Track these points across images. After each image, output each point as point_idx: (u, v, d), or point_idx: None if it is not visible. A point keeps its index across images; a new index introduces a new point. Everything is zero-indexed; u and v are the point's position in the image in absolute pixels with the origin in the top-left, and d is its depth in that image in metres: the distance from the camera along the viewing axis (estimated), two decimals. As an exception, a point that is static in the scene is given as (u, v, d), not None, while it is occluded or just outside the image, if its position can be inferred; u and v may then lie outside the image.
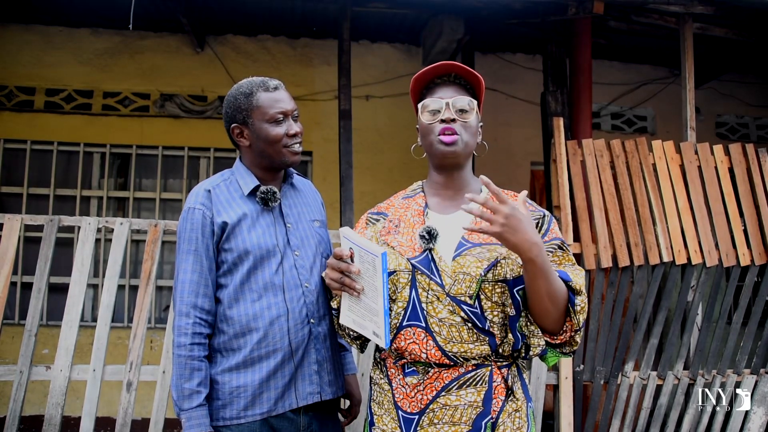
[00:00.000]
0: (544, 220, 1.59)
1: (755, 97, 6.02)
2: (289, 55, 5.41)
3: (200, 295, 1.76)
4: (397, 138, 5.40)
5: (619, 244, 3.47)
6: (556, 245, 1.57)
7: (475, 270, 1.50)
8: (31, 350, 2.96)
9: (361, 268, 1.47)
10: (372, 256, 1.42)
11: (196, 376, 1.72)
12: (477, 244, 1.53)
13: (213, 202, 1.81)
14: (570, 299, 1.49)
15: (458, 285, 1.50)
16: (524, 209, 1.41)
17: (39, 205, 5.03)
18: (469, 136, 1.59)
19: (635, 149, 3.61)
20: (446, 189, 1.64)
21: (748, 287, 3.67)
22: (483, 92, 1.64)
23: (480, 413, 1.49)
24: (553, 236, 1.58)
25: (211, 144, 5.23)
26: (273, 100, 1.83)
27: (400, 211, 1.68)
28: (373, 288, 1.44)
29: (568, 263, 1.57)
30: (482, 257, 1.51)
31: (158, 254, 3.05)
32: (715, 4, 3.94)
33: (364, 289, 1.49)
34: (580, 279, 1.52)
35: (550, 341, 1.55)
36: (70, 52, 5.16)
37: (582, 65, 4.13)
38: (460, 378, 1.50)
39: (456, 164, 1.62)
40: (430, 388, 1.51)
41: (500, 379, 1.52)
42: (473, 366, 1.51)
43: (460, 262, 1.51)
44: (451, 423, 1.49)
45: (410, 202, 1.68)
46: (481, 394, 1.50)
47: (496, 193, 1.39)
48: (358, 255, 1.46)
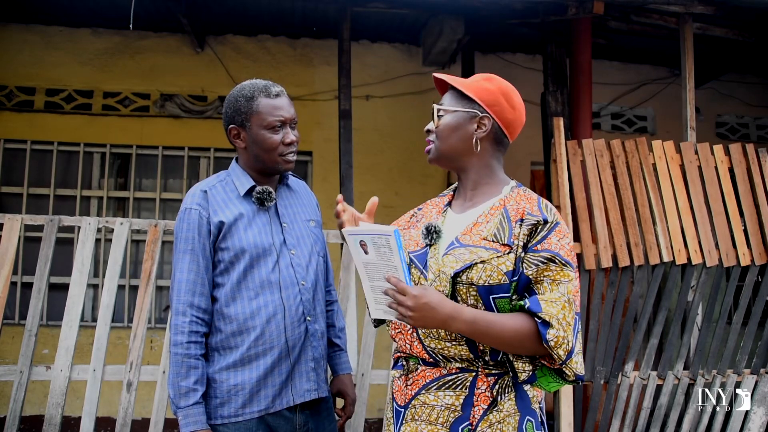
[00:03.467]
0: (542, 227, 1.47)
1: (755, 97, 6.01)
2: (289, 55, 5.41)
3: (197, 294, 1.78)
4: (397, 138, 5.40)
5: (619, 244, 3.47)
6: (546, 257, 1.44)
7: (449, 269, 1.48)
8: (31, 350, 2.96)
9: (377, 253, 1.44)
10: (385, 237, 1.40)
11: (193, 374, 1.74)
12: (464, 244, 1.51)
13: (209, 203, 1.83)
14: (541, 335, 1.40)
15: (437, 282, 1.49)
16: (426, 293, 1.40)
17: (39, 205, 5.03)
18: (441, 140, 1.60)
19: (635, 149, 3.61)
20: (464, 189, 1.64)
21: (748, 287, 3.67)
22: (472, 87, 1.60)
23: (458, 417, 1.47)
24: (546, 247, 1.45)
25: (211, 144, 5.23)
26: (273, 107, 1.84)
27: (428, 208, 1.70)
28: (393, 268, 1.43)
29: (560, 279, 1.44)
30: (460, 258, 1.48)
31: (158, 254, 3.05)
32: (715, 4, 3.94)
33: (386, 274, 1.47)
34: (555, 306, 1.40)
35: (547, 364, 1.48)
36: (70, 52, 5.16)
37: (582, 65, 4.12)
38: (440, 379, 1.50)
39: (445, 167, 1.67)
40: (415, 384, 1.53)
41: (485, 387, 1.47)
42: (457, 369, 1.49)
43: (444, 260, 1.51)
44: (428, 422, 1.48)
45: (440, 200, 1.71)
46: (461, 398, 1.47)
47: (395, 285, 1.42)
48: (371, 243, 1.44)
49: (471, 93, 1.58)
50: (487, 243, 1.48)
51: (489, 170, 1.61)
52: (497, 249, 1.47)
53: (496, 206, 1.55)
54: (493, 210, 1.54)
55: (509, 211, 1.52)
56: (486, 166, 1.60)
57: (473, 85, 1.60)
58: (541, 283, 1.45)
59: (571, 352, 1.42)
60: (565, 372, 1.45)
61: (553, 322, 1.40)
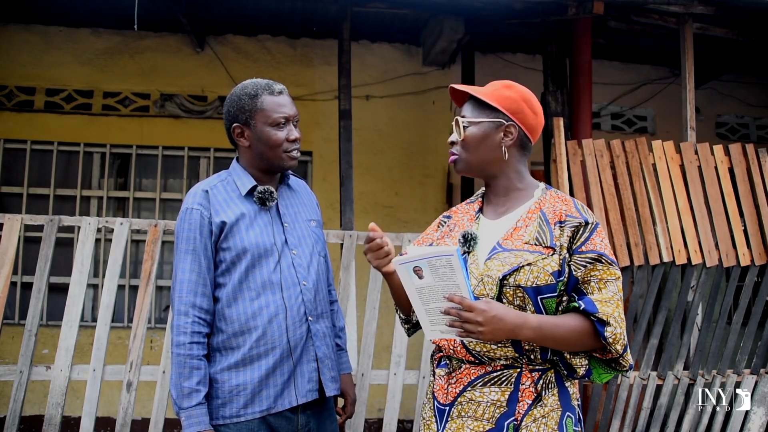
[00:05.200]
0: (584, 228, 1.53)
1: (755, 97, 6.01)
2: (289, 55, 5.40)
3: (199, 294, 1.78)
4: (397, 138, 5.40)
5: (619, 244, 3.47)
6: (592, 258, 1.51)
7: (496, 273, 1.51)
8: (31, 350, 2.96)
9: (434, 275, 1.44)
10: (446, 258, 1.41)
11: (195, 374, 1.74)
12: (507, 249, 1.54)
13: (211, 202, 1.83)
14: (599, 332, 1.48)
15: (482, 287, 1.52)
16: (491, 306, 1.42)
17: (39, 205, 5.03)
18: (468, 152, 1.63)
19: (635, 149, 3.61)
20: (495, 196, 1.67)
21: (748, 287, 3.67)
22: (495, 96, 1.62)
23: (503, 413, 1.50)
24: (591, 248, 1.52)
25: (211, 144, 5.23)
26: (277, 104, 1.85)
27: (459, 216, 1.72)
28: (455, 287, 1.43)
29: (608, 278, 1.51)
30: (506, 261, 1.51)
31: (158, 254, 3.05)
32: (715, 4, 3.94)
33: (443, 294, 1.47)
34: (609, 306, 1.48)
35: (599, 356, 1.54)
36: (70, 52, 5.16)
37: (582, 65, 4.12)
38: (485, 376, 1.53)
39: (474, 176, 1.69)
40: (460, 382, 1.55)
41: (529, 382, 1.51)
42: (501, 366, 1.52)
43: (489, 265, 1.53)
44: (474, 418, 1.51)
45: (469, 207, 1.72)
46: (506, 394, 1.51)
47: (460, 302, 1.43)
48: (428, 266, 1.43)
49: (495, 102, 1.61)
50: (530, 246, 1.52)
51: (518, 175, 1.65)
52: (541, 252, 1.51)
53: (533, 209, 1.58)
54: (530, 214, 1.58)
55: (546, 214, 1.56)
56: (515, 171, 1.64)
57: (495, 93, 1.62)
58: (588, 283, 1.52)
59: (626, 347, 1.51)
60: (621, 363, 1.53)
61: (611, 320, 1.48)
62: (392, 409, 3.14)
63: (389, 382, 3.17)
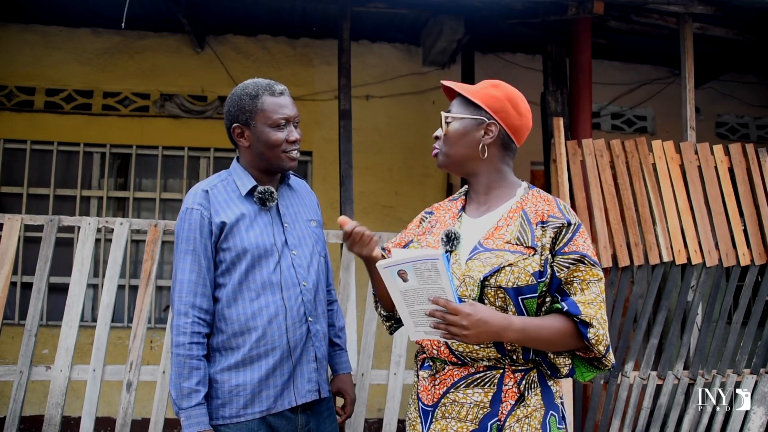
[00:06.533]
0: (567, 229, 1.53)
1: (755, 97, 6.01)
2: (289, 55, 5.40)
3: (198, 294, 1.78)
4: (397, 138, 5.40)
5: (619, 244, 3.47)
6: (575, 259, 1.51)
7: (478, 274, 1.51)
8: (31, 350, 2.96)
9: (419, 279, 1.43)
10: (431, 261, 1.40)
11: (195, 375, 1.74)
12: (488, 249, 1.53)
13: (211, 203, 1.82)
14: (582, 334, 1.49)
15: (464, 287, 1.52)
16: (476, 309, 1.42)
17: (39, 205, 5.03)
18: (448, 146, 1.64)
19: (635, 149, 3.61)
20: (476, 194, 1.67)
21: (748, 287, 3.67)
22: (479, 94, 1.62)
23: (487, 414, 1.50)
24: (574, 249, 1.51)
25: (211, 144, 5.23)
26: (277, 105, 1.85)
27: (441, 212, 1.71)
28: (440, 290, 1.42)
29: (590, 279, 1.51)
30: (487, 262, 1.51)
31: (158, 254, 3.05)
32: (715, 4, 3.94)
33: (428, 296, 1.46)
34: (592, 308, 1.48)
35: (582, 355, 1.54)
36: (70, 52, 5.15)
37: (582, 65, 4.12)
38: (468, 377, 1.53)
39: (455, 173, 1.69)
40: (443, 384, 1.55)
41: (512, 383, 1.52)
42: (484, 367, 1.53)
43: (470, 265, 1.53)
44: (458, 419, 1.52)
45: (452, 205, 1.71)
46: (489, 395, 1.51)
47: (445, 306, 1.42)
48: (413, 269, 1.42)
49: (477, 100, 1.61)
50: (511, 246, 1.52)
51: (499, 174, 1.64)
52: (522, 252, 1.51)
53: (514, 209, 1.58)
54: (511, 213, 1.57)
55: (528, 214, 1.56)
56: (496, 170, 1.64)
57: (480, 92, 1.63)
58: (571, 284, 1.52)
59: (608, 347, 1.51)
60: (603, 362, 1.54)
61: (594, 322, 1.48)
62: (392, 409, 3.14)
63: (389, 382, 3.17)
